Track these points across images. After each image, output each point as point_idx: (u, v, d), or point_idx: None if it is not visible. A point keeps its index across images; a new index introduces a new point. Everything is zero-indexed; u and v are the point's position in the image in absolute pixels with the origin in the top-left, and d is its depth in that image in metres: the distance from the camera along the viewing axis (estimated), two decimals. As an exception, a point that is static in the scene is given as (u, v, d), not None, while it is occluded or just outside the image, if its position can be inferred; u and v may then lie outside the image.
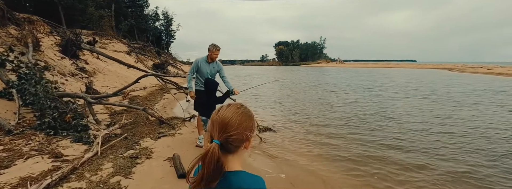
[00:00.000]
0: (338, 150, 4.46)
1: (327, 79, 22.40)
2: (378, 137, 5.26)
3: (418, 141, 4.98)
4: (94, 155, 3.36)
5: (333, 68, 64.22)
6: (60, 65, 10.56)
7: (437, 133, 5.46)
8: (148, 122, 5.21)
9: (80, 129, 4.42)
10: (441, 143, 4.80)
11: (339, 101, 9.98)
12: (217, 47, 3.87)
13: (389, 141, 4.96)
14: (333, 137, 5.23)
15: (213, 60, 3.97)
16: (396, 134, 5.47)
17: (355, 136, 5.29)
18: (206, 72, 3.96)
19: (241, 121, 0.75)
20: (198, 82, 4.07)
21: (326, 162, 3.95)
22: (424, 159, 4.05)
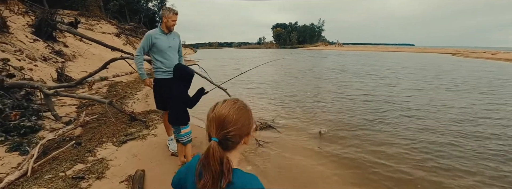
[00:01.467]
0: (372, 167, 3.26)
1: (332, 65, 21.18)
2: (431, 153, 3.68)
3: (479, 155, 3.63)
4: (21, 176, 2.41)
5: (333, 51, 62.36)
6: (30, 49, 9.35)
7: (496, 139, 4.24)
8: (116, 119, 4.22)
9: (23, 132, 3.43)
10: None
11: (351, 92, 8.64)
12: (175, 10, 2.91)
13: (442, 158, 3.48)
14: (355, 143, 4.09)
15: (170, 30, 2.96)
16: (441, 139, 4.21)
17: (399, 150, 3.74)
18: (166, 47, 2.93)
19: (238, 117, 0.74)
20: (160, 66, 2.97)
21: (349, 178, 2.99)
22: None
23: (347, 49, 74.86)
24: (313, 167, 3.19)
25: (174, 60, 3.03)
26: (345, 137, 4.30)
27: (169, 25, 2.91)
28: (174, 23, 2.92)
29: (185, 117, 2.58)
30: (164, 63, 2.97)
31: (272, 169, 3.09)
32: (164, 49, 2.93)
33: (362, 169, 3.17)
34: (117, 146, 3.20)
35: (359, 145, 3.94)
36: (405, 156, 3.56)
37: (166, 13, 2.87)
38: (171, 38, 3.01)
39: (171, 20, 2.88)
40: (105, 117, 4.45)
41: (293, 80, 11.31)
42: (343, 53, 46.69)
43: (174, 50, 3.06)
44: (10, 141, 3.20)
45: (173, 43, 3.03)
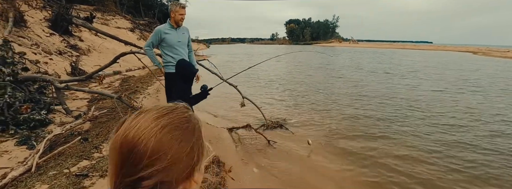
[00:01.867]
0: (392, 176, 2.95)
1: (347, 62, 20.64)
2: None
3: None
4: (26, 172, 2.35)
5: (347, 48, 60.80)
6: (46, 42, 9.52)
7: None
8: (125, 114, 4.15)
9: (32, 125, 3.41)
10: None
11: (367, 92, 8.01)
12: (182, 4, 2.93)
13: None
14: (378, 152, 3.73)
15: (179, 25, 2.92)
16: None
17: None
18: (175, 41, 2.91)
19: (166, 145, 0.38)
20: (170, 60, 2.97)
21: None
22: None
23: (361, 46, 73.09)
24: (325, 170, 3.01)
25: (183, 55, 3.03)
26: (356, 146, 3.98)
27: (177, 20, 2.88)
28: (182, 17, 2.88)
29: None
30: (174, 58, 2.97)
31: (281, 172, 2.93)
32: (174, 44, 2.92)
33: (376, 175, 2.96)
34: (124, 142, 3.12)
35: (373, 156, 3.62)
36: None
37: (173, 7, 2.87)
38: (181, 32, 2.98)
39: (179, 14, 2.86)
40: (114, 112, 4.40)
41: (306, 79, 11.02)
42: (358, 50, 45.48)
43: (183, 45, 3.03)
44: (19, 134, 3.19)
45: (183, 37, 2.99)
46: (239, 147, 3.54)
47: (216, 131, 4.05)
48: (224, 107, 5.85)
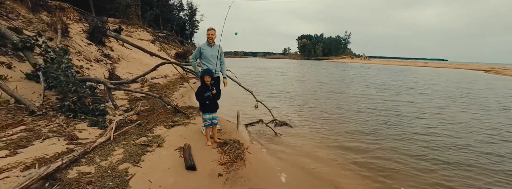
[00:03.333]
0: (364, 158, 4.00)
1: (353, 77, 21.49)
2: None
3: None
4: (106, 140, 3.37)
5: (359, 64, 61.45)
6: (86, 51, 10.93)
7: None
8: (163, 110, 5.20)
9: (98, 114, 4.48)
10: None
11: (363, 105, 9.26)
12: (210, 27, 3.92)
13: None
14: (360, 145, 4.61)
15: (212, 43, 3.96)
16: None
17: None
18: (209, 55, 3.95)
19: None
20: (200, 69, 4.01)
21: (340, 169, 3.63)
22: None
23: (372, 63, 73.65)
24: (317, 155, 3.92)
25: (215, 66, 4.01)
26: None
27: (208, 38, 3.93)
28: (209, 36, 3.89)
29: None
30: (208, 67, 3.99)
31: (283, 154, 3.84)
32: (208, 57, 3.99)
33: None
34: (167, 128, 4.13)
35: (357, 149, 4.56)
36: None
37: (207, 30, 3.91)
38: (214, 49, 4.03)
39: (208, 34, 3.90)
40: (153, 109, 5.45)
41: (309, 92, 11.93)
42: (368, 67, 46.23)
43: (216, 58, 4.03)
44: (89, 119, 4.25)
45: (216, 52, 4.04)
46: (252, 136, 4.50)
47: (234, 125, 5.01)
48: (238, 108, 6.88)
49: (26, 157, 2.88)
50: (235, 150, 3.39)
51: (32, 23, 9.15)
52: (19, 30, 7.83)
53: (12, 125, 3.89)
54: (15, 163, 2.74)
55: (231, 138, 3.86)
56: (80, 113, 4.58)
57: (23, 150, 3.06)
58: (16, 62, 6.56)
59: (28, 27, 8.69)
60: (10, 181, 2.35)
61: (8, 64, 6.30)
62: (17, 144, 3.18)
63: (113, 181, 2.43)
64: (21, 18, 8.88)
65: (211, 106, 3.59)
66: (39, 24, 9.61)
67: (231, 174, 2.86)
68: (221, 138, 3.89)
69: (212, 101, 3.58)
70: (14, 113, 4.69)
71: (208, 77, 3.44)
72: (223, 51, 4.19)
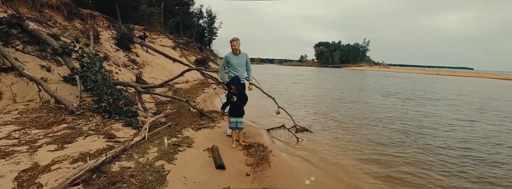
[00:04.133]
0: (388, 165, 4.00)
1: (372, 86, 21.14)
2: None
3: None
4: (142, 139, 3.63)
5: (378, 72, 60.02)
6: (115, 57, 11.59)
7: None
8: (189, 114, 5.47)
9: (130, 115, 4.80)
10: None
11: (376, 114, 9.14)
12: (233, 38, 4.21)
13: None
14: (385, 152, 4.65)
15: (236, 52, 4.25)
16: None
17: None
18: (235, 63, 4.23)
19: None
20: (232, 76, 4.27)
21: (364, 179, 3.60)
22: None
23: (393, 71, 71.81)
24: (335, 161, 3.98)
25: (242, 73, 4.31)
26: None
27: (232, 48, 4.26)
28: (235, 46, 4.22)
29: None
30: (234, 74, 4.27)
31: (302, 158, 3.95)
32: (234, 65, 4.28)
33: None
34: (195, 130, 4.37)
35: (373, 156, 4.56)
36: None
37: (230, 41, 4.23)
38: (240, 57, 4.32)
39: (232, 44, 4.24)
40: (179, 112, 5.74)
41: (329, 100, 11.94)
42: (389, 75, 45.15)
43: (241, 66, 4.32)
44: (123, 120, 4.56)
45: (241, 60, 4.31)
46: (275, 141, 4.64)
47: (257, 130, 5.18)
48: (260, 114, 7.04)
49: (72, 151, 3.18)
50: (260, 152, 3.54)
51: (67, 30, 9.87)
52: (57, 36, 8.49)
53: (56, 123, 4.27)
54: (64, 156, 3.04)
55: (255, 141, 4.02)
56: (115, 114, 4.93)
57: (69, 145, 3.37)
58: (54, 65, 7.12)
59: (64, 33, 9.38)
60: (63, 171, 2.62)
61: (48, 68, 6.86)
62: (63, 140, 3.51)
63: (152, 175, 2.65)
64: (58, 25, 9.61)
65: (236, 111, 3.80)
66: (74, 31, 10.34)
67: (257, 174, 3.01)
68: (245, 141, 4.07)
69: (237, 106, 3.79)
70: (55, 112, 5.11)
71: (233, 86, 3.70)
72: (249, 58, 4.42)
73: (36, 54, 7.09)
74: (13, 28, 7.16)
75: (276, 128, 5.34)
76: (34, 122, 4.38)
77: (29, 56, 6.89)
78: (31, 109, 5.22)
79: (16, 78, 5.94)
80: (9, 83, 5.79)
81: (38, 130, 3.92)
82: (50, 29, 8.87)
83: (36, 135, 3.71)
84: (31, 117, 4.69)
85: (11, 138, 3.55)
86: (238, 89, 3.70)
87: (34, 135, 3.71)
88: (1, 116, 4.74)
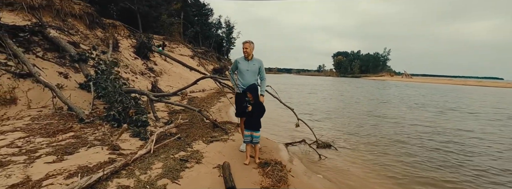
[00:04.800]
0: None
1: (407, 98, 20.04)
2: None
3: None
4: (147, 153, 3.30)
5: (400, 82, 57.39)
6: (132, 64, 11.66)
7: None
8: (202, 124, 5.13)
9: (140, 124, 4.53)
10: None
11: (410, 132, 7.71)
12: (245, 40, 3.72)
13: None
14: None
15: (249, 57, 3.72)
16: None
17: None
18: (244, 69, 3.72)
19: None
20: (238, 83, 3.81)
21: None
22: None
23: (416, 81, 68.49)
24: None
25: (250, 81, 3.72)
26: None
27: (244, 52, 3.72)
28: (246, 50, 3.68)
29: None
30: (241, 82, 3.78)
31: (332, 179, 3.42)
32: (243, 71, 3.75)
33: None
34: (206, 143, 4.00)
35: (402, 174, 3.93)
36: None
37: (242, 43, 3.75)
38: (251, 63, 3.76)
39: (243, 48, 3.71)
40: (192, 122, 5.42)
41: (352, 111, 11.24)
42: (413, 85, 42.65)
43: (251, 73, 3.75)
44: (132, 130, 4.28)
45: (252, 67, 3.74)
46: (294, 158, 4.15)
47: (274, 144, 4.72)
48: (277, 127, 6.57)
49: (71, 164, 2.90)
50: (278, 172, 3.09)
51: (88, 38, 10.05)
52: (77, 44, 8.60)
53: (62, 131, 4.06)
54: (61, 169, 2.75)
55: (272, 158, 3.57)
56: (124, 123, 4.68)
57: (69, 157, 3.09)
58: (72, 72, 7.11)
59: (85, 41, 9.54)
60: (54, 188, 2.32)
61: (65, 74, 6.84)
62: (64, 151, 3.25)
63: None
64: (79, 33, 9.81)
65: (251, 123, 3.38)
66: (94, 39, 10.53)
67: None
68: (261, 157, 3.63)
69: (252, 118, 3.38)
70: (66, 119, 4.95)
71: (249, 94, 3.30)
72: (263, 66, 3.88)
73: (55, 61, 7.14)
74: (35, 35, 7.29)
75: (295, 142, 4.84)
76: (43, 129, 4.21)
77: (48, 63, 6.93)
78: (43, 116, 5.10)
79: (33, 84, 5.92)
80: (26, 89, 5.76)
81: (42, 139, 3.71)
82: (71, 37, 9.04)
83: (39, 144, 3.49)
84: (41, 124, 4.54)
85: (12, 147, 3.34)
86: (254, 99, 3.30)
87: (37, 144, 3.49)
88: (13, 122, 4.63)
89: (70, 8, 10.17)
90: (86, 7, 11.35)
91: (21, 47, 6.70)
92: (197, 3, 42.58)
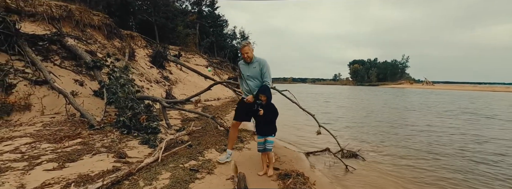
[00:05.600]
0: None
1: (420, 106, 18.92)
2: None
3: None
4: (154, 161, 3.00)
5: (419, 90, 54.32)
6: (148, 73, 11.71)
7: None
8: (216, 132, 4.82)
9: (150, 132, 4.28)
10: None
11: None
12: (241, 43, 3.24)
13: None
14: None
15: (248, 60, 3.20)
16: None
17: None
18: (246, 75, 3.25)
19: None
20: (241, 89, 3.44)
21: None
22: None
23: (438, 88, 64.48)
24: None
25: (252, 87, 3.22)
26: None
27: (243, 56, 3.22)
28: (246, 54, 3.16)
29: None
30: (245, 88, 3.33)
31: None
32: (244, 76, 3.28)
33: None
34: (219, 152, 3.65)
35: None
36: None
37: (240, 46, 3.29)
38: (252, 67, 3.23)
39: (242, 52, 3.23)
40: (205, 130, 5.12)
41: (376, 119, 10.58)
42: (437, 92, 39.52)
43: (252, 78, 3.24)
44: (141, 137, 4.03)
45: (253, 71, 3.22)
46: (317, 169, 3.71)
47: (294, 154, 4.30)
48: (297, 134, 6.14)
49: (72, 172, 2.64)
50: (300, 185, 2.68)
51: (105, 47, 10.19)
52: (94, 52, 8.68)
53: (69, 137, 3.87)
54: (59, 178, 2.50)
55: (293, 169, 3.16)
56: (134, 130, 4.45)
57: (71, 164, 2.85)
58: (88, 80, 7.09)
59: (102, 51, 9.65)
60: (46, 201, 2.04)
61: (81, 82, 6.81)
62: (68, 158, 3.02)
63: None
64: (97, 43, 9.96)
65: (263, 128, 3.01)
66: (111, 48, 10.68)
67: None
68: (281, 168, 3.23)
69: (264, 122, 3.01)
70: (77, 126, 4.80)
71: (262, 95, 2.95)
72: (266, 66, 3.22)
73: (72, 68, 7.17)
74: (53, 44, 7.40)
75: (318, 152, 4.37)
76: (51, 136, 4.04)
77: (65, 71, 6.95)
78: (55, 122, 4.99)
79: (48, 91, 5.89)
80: (41, 95, 5.73)
81: (48, 145, 3.52)
82: (89, 46, 9.17)
83: (43, 150, 3.29)
84: (51, 130, 4.40)
85: (16, 152, 3.16)
86: (267, 101, 2.95)
87: (41, 150, 3.29)
88: (25, 127, 4.53)
89: (89, 19, 10.41)
90: (105, 18, 11.62)
91: (40, 55, 6.78)
92: (212, 14, 43.48)
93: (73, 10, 9.70)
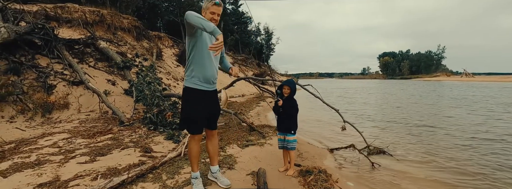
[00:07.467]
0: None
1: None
2: None
3: None
4: (177, 156, 3.10)
5: (460, 82, 47.33)
6: (174, 72, 12.12)
7: None
8: (238, 128, 4.85)
9: (174, 127, 4.41)
10: None
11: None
12: (215, 1, 2.10)
13: None
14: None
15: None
16: None
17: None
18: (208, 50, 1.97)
19: None
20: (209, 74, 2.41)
21: None
22: None
23: (480, 80, 58.27)
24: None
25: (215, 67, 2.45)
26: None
27: (212, 17, 2.13)
28: (212, 16, 2.11)
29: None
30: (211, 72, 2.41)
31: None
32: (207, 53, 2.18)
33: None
34: (241, 148, 3.67)
35: None
36: None
37: (205, 4, 2.13)
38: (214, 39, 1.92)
39: (210, 12, 2.11)
40: (227, 126, 5.17)
41: (408, 115, 9.96)
42: (477, 85, 35.46)
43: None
44: (167, 132, 4.17)
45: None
46: (341, 166, 3.58)
47: (317, 150, 4.20)
48: (320, 130, 5.99)
49: (101, 165, 2.81)
50: (322, 182, 2.60)
51: (135, 48, 10.68)
52: (124, 54, 9.14)
53: (101, 133, 4.12)
54: (90, 170, 2.67)
55: (315, 165, 3.07)
56: (160, 126, 4.63)
57: (101, 158, 3.03)
58: (119, 80, 7.50)
59: (132, 52, 10.14)
60: (78, 191, 2.19)
61: (113, 81, 7.22)
62: (99, 152, 3.21)
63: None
64: (127, 45, 10.48)
65: (282, 124, 2.91)
66: (140, 49, 11.17)
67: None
68: (302, 164, 3.16)
69: (284, 118, 2.90)
70: (109, 122, 5.11)
71: (286, 87, 2.86)
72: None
73: (104, 69, 7.64)
74: (88, 47, 7.91)
75: (342, 148, 4.20)
76: (87, 131, 4.34)
77: (99, 71, 7.42)
78: (90, 119, 5.35)
79: (84, 91, 6.32)
80: (78, 95, 6.15)
81: (82, 140, 3.78)
82: (120, 48, 9.68)
83: (78, 145, 3.54)
84: (87, 127, 4.73)
85: (54, 147, 3.43)
86: (290, 93, 2.86)
87: (76, 145, 3.54)
88: (64, 124, 4.91)
89: (119, 22, 10.97)
90: (134, 21, 12.16)
91: (76, 58, 7.30)
92: (236, 12, 43.71)
93: (105, 15, 10.28)
